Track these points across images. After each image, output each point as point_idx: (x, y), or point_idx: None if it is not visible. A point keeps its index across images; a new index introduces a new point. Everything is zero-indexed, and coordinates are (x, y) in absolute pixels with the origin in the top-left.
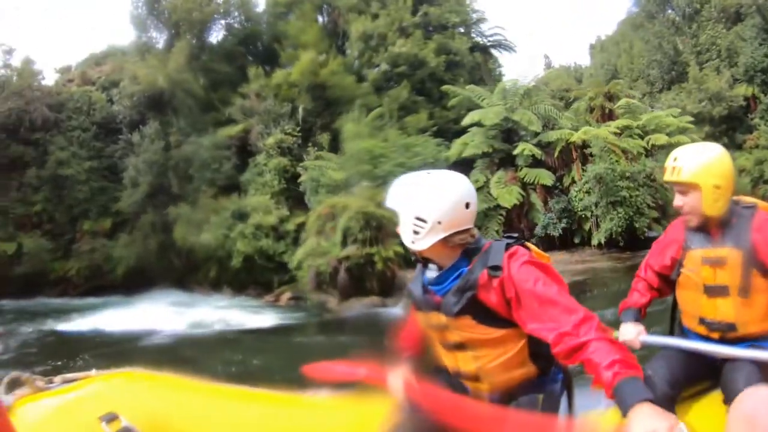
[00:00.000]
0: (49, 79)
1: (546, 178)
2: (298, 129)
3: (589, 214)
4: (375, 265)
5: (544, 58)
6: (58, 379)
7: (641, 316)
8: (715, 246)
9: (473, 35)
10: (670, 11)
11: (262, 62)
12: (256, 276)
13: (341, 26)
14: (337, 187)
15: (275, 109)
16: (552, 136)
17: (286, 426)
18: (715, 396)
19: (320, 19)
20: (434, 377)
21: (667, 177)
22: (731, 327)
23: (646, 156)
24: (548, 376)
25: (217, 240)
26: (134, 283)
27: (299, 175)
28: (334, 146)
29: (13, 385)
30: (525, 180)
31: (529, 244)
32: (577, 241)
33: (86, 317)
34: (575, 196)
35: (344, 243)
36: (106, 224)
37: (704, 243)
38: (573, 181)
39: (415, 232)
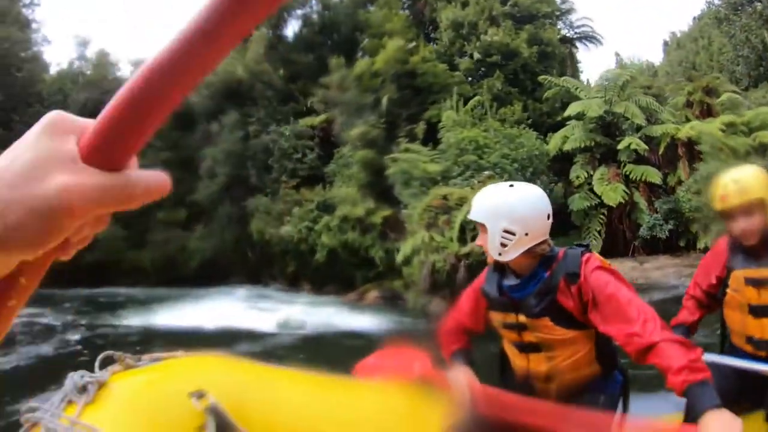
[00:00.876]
0: (125, 71)
1: (654, 175)
2: (382, 120)
3: (697, 215)
4: None
5: (615, 55)
6: (146, 357)
7: (691, 333)
8: (759, 266)
9: (561, 26)
10: (758, 3)
11: (342, 52)
12: (337, 272)
13: (427, 14)
14: (432, 179)
15: (358, 100)
16: (656, 130)
17: (349, 410)
18: (758, 416)
19: (403, 7)
20: (499, 380)
21: (734, 201)
22: None
23: (755, 154)
24: (609, 377)
25: (299, 233)
26: (208, 276)
27: (384, 168)
28: (425, 137)
29: (106, 362)
30: (630, 177)
31: (595, 253)
32: (682, 244)
33: (160, 310)
34: (682, 197)
35: (462, 238)
36: (181, 215)
37: (747, 263)
38: (679, 181)
39: (503, 245)
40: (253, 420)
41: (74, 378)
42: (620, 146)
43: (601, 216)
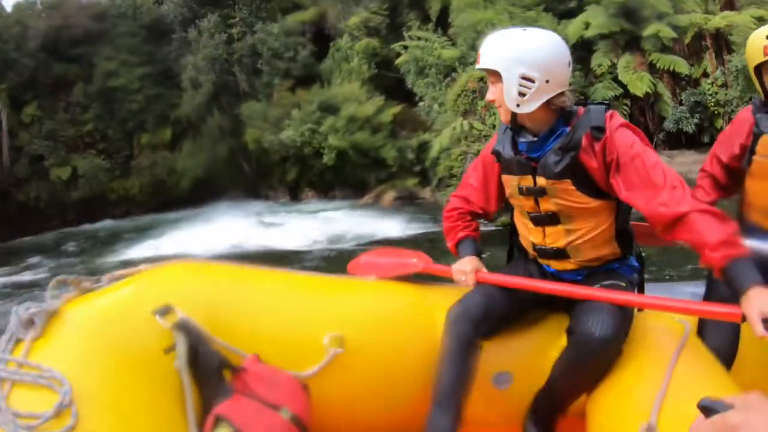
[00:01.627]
0: None
1: (682, 65)
2: (385, 6)
3: (721, 110)
4: None
5: None
6: (106, 278)
7: None
8: None
9: None
10: None
11: None
12: (346, 175)
13: None
14: (449, 66)
15: None
16: (683, 20)
17: (342, 309)
18: None
19: None
20: (507, 266)
21: None
22: None
23: None
24: (626, 262)
25: (302, 136)
26: (201, 195)
27: (390, 59)
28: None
29: (59, 288)
30: (657, 66)
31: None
32: (706, 140)
33: (160, 237)
34: (708, 90)
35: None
36: (166, 135)
37: None
38: (704, 73)
39: (521, 94)
40: (232, 329)
41: (19, 312)
42: (645, 33)
43: (624, 107)
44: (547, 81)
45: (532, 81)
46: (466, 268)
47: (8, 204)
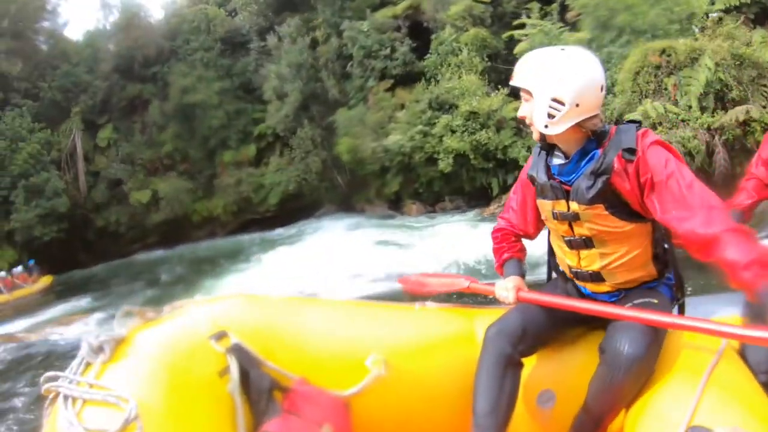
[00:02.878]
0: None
1: None
2: None
3: None
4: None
5: None
6: (166, 308)
7: (745, 218)
8: None
9: None
10: None
11: None
12: (460, 183)
13: None
14: None
15: None
16: None
17: (385, 333)
18: None
19: None
20: (549, 285)
21: None
22: None
23: None
24: (663, 279)
25: (411, 141)
26: (290, 211)
27: (499, 51)
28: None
29: (125, 317)
30: None
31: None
32: None
33: (251, 259)
34: None
35: (702, 107)
36: (250, 151)
37: None
38: None
39: (551, 116)
40: (281, 353)
41: (89, 339)
42: None
43: (764, 88)
44: (577, 105)
45: (562, 104)
46: (509, 286)
47: (87, 229)
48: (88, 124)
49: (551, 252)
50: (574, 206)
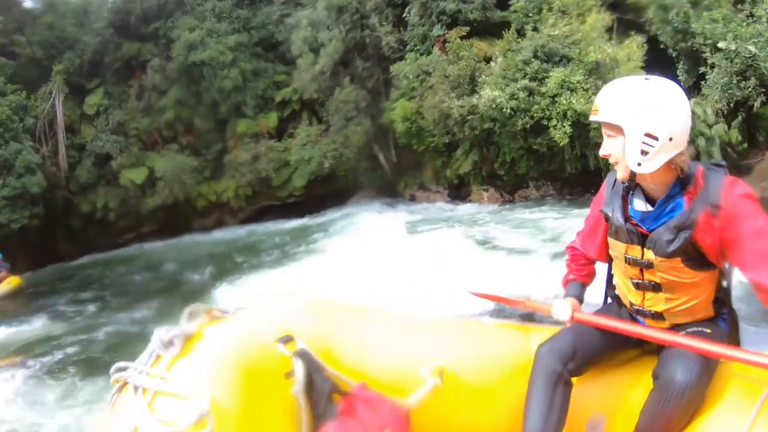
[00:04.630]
0: None
1: None
2: None
3: None
4: None
5: None
6: (232, 308)
7: None
8: None
9: None
10: None
11: None
12: (560, 162)
13: None
14: None
15: None
16: None
17: (442, 344)
18: None
19: None
20: (603, 309)
21: None
22: None
23: None
24: (720, 317)
25: (513, 99)
26: (320, 197)
27: None
28: None
29: (193, 315)
30: None
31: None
32: None
33: (265, 257)
34: None
35: None
36: (270, 120)
37: None
38: None
39: (644, 152)
40: (342, 359)
41: (160, 333)
42: None
43: None
44: (671, 139)
45: (656, 139)
46: (565, 307)
47: (70, 216)
48: (74, 88)
49: (610, 277)
50: (650, 255)
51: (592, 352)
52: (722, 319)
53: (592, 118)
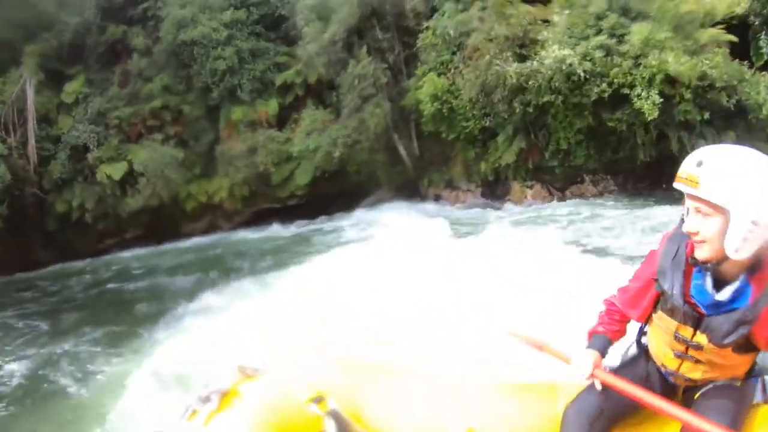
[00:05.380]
0: None
1: None
2: None
3: None
4: None
5: None
6: (263, 365)
7: None
8: None
9: None
10: None
11: None
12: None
13: None
14: None
15: None
16: None
17: (473, 405)
18: None
19: None
20: (630, 360)
21: None
22: None
23: None
24: (747, 383)
25: (586, 59)
26: (324, 198)
27: None
28: None
29: (227, 371)
30: None
31: None
32: None
33: (264, 271)
34: None
35: None
36: (270, 107)
37: None
38: None
39: (745, 239)
40: (372, 423)
41: (198, 390)
42: None
43: None
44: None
45: (758, 225)
46: (586, 361)
47: (43, 216)
48: (52, 75)
49: (642, 332)
50: (702, 340)
51: (618, 411)
52: (754, 375)
53: (684, 188)
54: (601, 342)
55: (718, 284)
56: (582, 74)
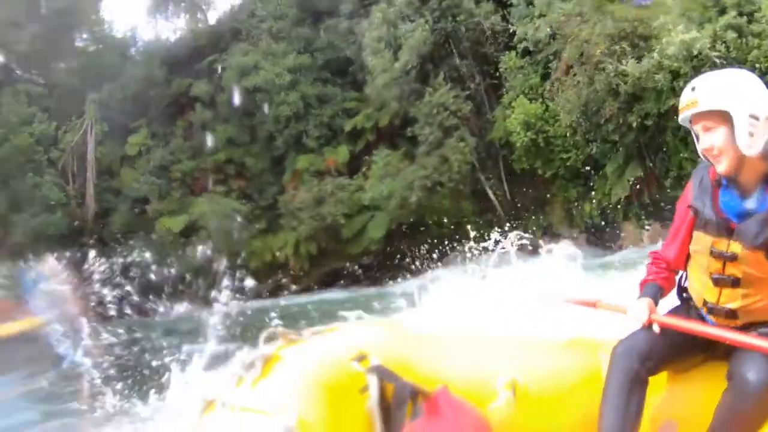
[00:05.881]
0: None
1: None
2: None
3: None
4: None
5: None
6: (306, 332)
7: None
8: None
9: None
10: None
11: None
12: None
13: None
14: None
15: None
16: None
17: (516, 358)
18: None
19: None
20: (672, 312)
21: None
22: None
23: None
24: None
25: (719, 40)
26: (402, 253)
27: None
28: None
29: (270, 339)
30: None
31: None
32: None
33: None
34: None
35: None
36: (340, 154)
37: None
38: None
39: (751, 134)
40: (417, 373)
41: (242, 356)
42: None
43: None
44: (767, 118)
45: (757, 119)
46: (642, 307)
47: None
48: (115, 126)
49: (681, 287)
50: (736, 247)
51: (667, 353)
52: None
53: (687, 113)
54: (652, 289)
55: (743, 197)
56: (717, 61)
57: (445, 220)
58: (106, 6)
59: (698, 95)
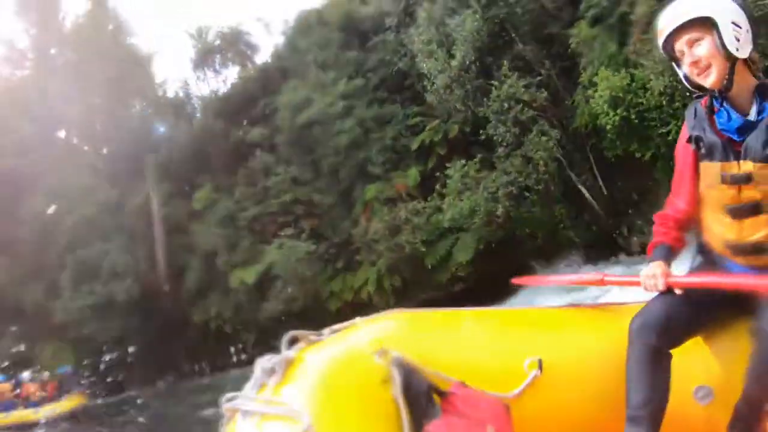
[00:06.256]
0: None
1: None
2: None
3: None
4: None
5: None
6: (326, 331)
7: None
8: None
9: None
10: None
11: None
12: None
13: None
14: None
15: None
16: None
17: (539, 335)
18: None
19: None
20: (691, 270)
21: None
22: None
23: None
24: None
25: None
26: (493, 276)
27: None
28: None
29: (291, 342)
30: None
31: None
32: None
33: None
34: None
35: None
36: (409, 177)
37: None
38: None
39: (737, 38)
40: (439, 361)
41: (262, 363)
42: None
43: None
44: (748, 31)
45: (740, 27)
46: (656, 273)
47: (185, 328)
48: (177, 184)
49: (701, 247)
50: (747, 166)
51: (687, 320)
52: None
53: (674, 26)
54: (663, 251)
55: (740, 113)
56: None
57: (537, 232)
58: (156, 67)
59: (679, 11)
